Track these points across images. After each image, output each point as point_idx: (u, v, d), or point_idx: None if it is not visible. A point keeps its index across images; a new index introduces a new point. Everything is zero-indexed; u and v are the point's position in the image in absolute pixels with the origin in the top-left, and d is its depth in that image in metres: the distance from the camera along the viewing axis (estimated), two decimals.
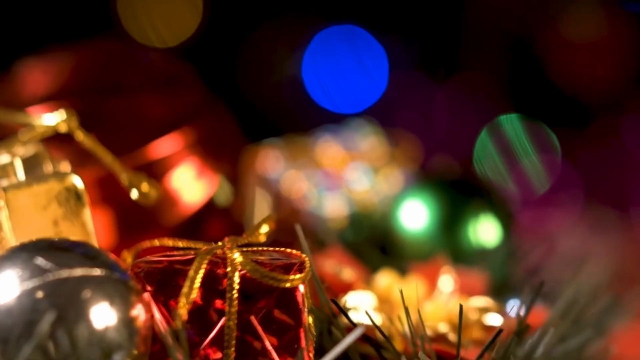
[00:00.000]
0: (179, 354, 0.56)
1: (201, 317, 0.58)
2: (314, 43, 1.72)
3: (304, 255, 0.60)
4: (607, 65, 1.78)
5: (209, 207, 0.90)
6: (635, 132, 1.77)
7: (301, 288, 0.58)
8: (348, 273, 0.76)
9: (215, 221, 0.91)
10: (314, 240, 0.94)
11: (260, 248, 0.62)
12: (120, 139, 0.86)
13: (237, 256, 0.57)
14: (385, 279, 0.76)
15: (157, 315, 0.59)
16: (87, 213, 0.70)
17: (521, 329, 0.60)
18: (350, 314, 0.66)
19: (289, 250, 0.61)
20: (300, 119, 1.68)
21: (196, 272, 0.57)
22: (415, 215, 0.89)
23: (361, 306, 0.68)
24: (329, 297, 0.67)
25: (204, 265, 0.58)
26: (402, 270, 0.81)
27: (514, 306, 0.68)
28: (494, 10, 1.75)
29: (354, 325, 0.61)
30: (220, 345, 0.57)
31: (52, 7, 1.54)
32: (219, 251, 0.60)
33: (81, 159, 0.79)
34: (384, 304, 0.73)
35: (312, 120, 1.68)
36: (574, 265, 0.87)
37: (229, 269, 0.57)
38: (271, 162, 1.05)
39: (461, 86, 1.78)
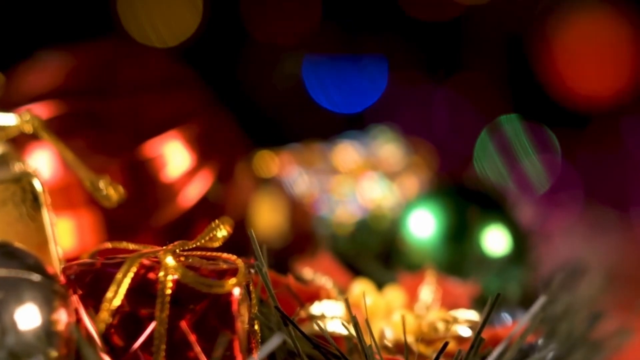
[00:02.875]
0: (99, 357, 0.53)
1: (133, 321, 0.55)
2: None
3: (238, 261, 0.57)
4: (607, 66, 1.75)
5: (202, 207, 0.87)
6: (635, 132, 1.75)
7: (236, 293, 0.54)
8: (322, 281, 0.71)
9: (208, 221, 0.88)
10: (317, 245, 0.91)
11: (208, 253, 0.59)
12: (117, 139, 0.83)
13: (170, 261, 0.54)
14: (359, 288, 0.72)
15: (86, 319, 0.56)
16: (44, 215, 0.67)
17: (475, 342, 0.56)
18: (316, 322, 0.62)
19: (225, 255, 0.58)
20: (300, 118, 1.66)
21: (124, 276, 0.55)
22: (423, 224, 0.85)
23: (328, 315, 0.64)
24: (297, 304, 0.63)
25: (133, 269, 0.55)
26: (394, 280, 0.77)
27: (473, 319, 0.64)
28: (493, 11, 1.72)
29: (302, 334, 0.57)
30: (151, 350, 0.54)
31: (53, 7, 1.52)
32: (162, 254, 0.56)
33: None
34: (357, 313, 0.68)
35: (312, 119, 1.67)
36: (572, 272, 0.83)
37: (161, 273, 0.55)
38: (286, 166, 1.02)
39: (461, 86, 1.75)
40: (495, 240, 0.82)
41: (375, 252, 0.87)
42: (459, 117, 1.75)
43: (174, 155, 0.85)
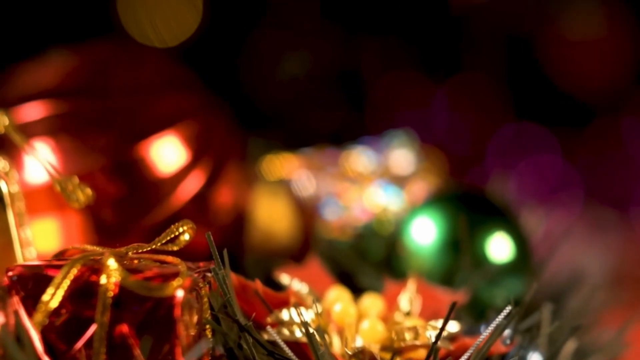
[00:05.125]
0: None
1: (77, 324, 0.54)
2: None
3: (180, 265, 0.55)
4: (607, 65, 1.72)
5: (193, 208, 0.85)
6: (636, 132, 1.72)
7: (179, 297, 0.52)
8: (297, 287, 0.68)
9: (199, 222, 0.86)
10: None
11: (155, 256, 0.57)
12: (111, 139, 0.81)
13: (112, 263, 0.52)
14: (332, 295, 0.69)
15: (26, 320, 0.54)
16: (10, 217, 0.66)
17: (431, 351, 0.53)
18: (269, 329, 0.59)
19: (170, 258, 0.56)
20: (300, 117, 1.64)
21: (63, 278, 0.53)
22: (424, 231, 0.82)
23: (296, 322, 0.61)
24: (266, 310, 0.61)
25: (74, 271, 0.54)
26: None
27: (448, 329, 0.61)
28: (494, 11, 1.69)
29: (257, 342, 0.55)
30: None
31: (53, 7, 1.50)
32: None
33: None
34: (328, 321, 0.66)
35: (312, 118, 1.65)
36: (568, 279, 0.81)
37: (102, 276, 0.53)
38: (294, 169, 1.00)
39: (461, 86, 1.73)
40: (497, 248, 0.80)
41: (378, 259, 0.84)
42: (458, 117, 1.73)
43: (166, 155, 0.83)
